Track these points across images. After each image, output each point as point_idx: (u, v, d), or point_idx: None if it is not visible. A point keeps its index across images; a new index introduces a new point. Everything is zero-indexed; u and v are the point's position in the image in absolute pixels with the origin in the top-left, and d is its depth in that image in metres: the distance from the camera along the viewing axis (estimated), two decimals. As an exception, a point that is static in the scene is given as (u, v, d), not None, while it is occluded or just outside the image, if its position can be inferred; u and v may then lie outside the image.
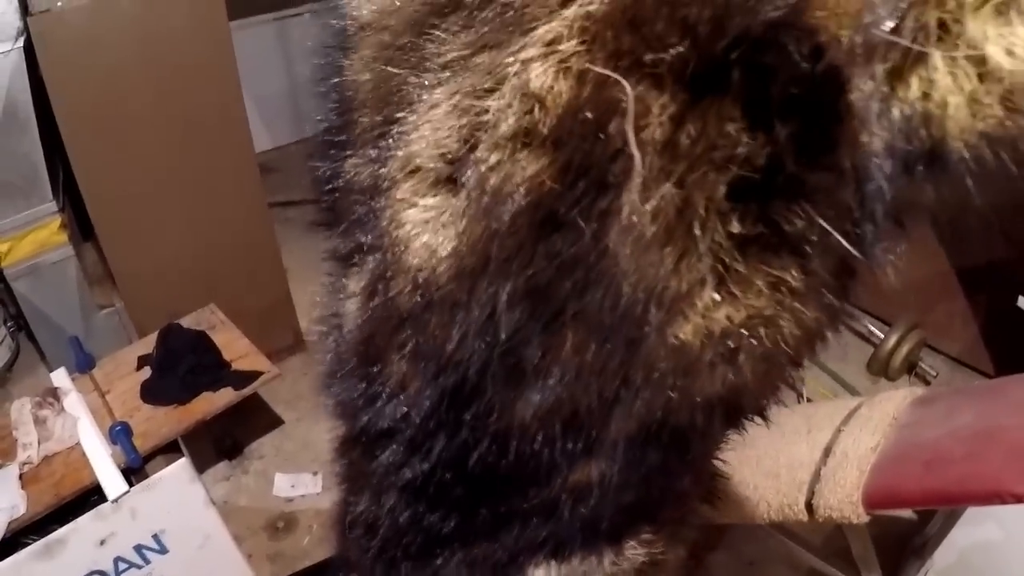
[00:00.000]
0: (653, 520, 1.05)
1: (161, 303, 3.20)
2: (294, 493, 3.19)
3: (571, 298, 0.65)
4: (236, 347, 3.00)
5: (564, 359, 0.70)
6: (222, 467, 3.31)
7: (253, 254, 3.54)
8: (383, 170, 0.72)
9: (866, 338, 3.72)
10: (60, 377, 2.83)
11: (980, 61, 0.47)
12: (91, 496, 2.44)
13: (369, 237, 0.79)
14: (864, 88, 0.50)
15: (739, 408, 0.80)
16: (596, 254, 0.62)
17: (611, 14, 0.56)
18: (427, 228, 0.69)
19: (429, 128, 0.67)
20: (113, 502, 2.37)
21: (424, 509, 0.97)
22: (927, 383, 3.47)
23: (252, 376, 2.87)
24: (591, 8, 0.56)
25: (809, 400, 3.30)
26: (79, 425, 2.60)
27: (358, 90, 0.79)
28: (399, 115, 0.70)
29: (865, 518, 1.58)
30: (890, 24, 0.47)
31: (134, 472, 2.51)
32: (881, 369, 3.46)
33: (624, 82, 0.56)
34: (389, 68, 0.72)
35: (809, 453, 1.76)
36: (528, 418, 0.76)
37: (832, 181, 0.56)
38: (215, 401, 2.77)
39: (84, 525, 2.35)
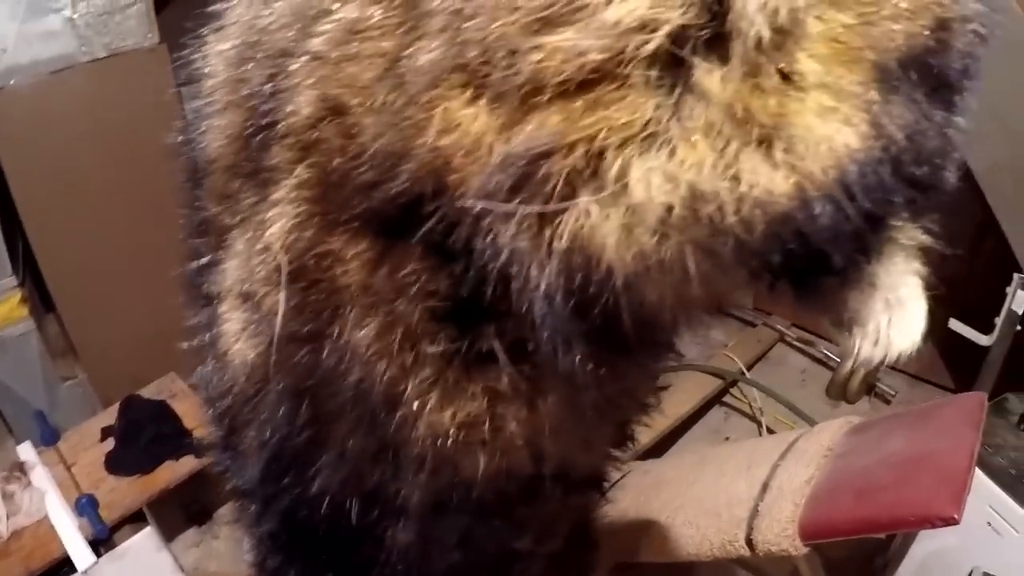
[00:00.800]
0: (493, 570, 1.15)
1: (124, 373, 3.21)
2: (264, 556, 3.16)
3: (329, 397, 0.83)
4: (197, 415, 3.00)
5: (340, 443, 0.87)
6: (192, 533, 3.30)
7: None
8: (214, 286, 0.94)
9: (823, 363, 3.80)
10: (26, 451, 2.84)
11: (621, 194, 0.57)
12: (61, 568, 2.44)
13: (211, 333, 0.97)
14: (502, 231, 0.60)
15: (508, 491, 0.94)
16: (337, 364, 0.79)
17: (315, 181, 0.73)
18: (239, 339, 0.89)
19: (235, 257, 0.87)
20: (82, 574, 2.38)
21: (284, 562, 1.17)
22: (887, 402, 3.54)
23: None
24: (304, 177, 0.73)
25: (770, 430, 3.38)
26: (46, 498, 2.61)
27: (208, 218, 0.95)
28: (221, 248, 0.91)
29: (803, 550, 1.62)
30: (508, 185, 0.58)
31: (102, 543, 2.52)
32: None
33: (333, 250, 0.74)
34: (214, 210, 0.91)
35: (748, 490, 1.81)
36: (329, 487, 0.92)
37: (505, 307, 0.66)
38: (178, 469, 2.78)
39: (54, 598, 2.36)
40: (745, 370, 3.61)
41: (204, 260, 0.96)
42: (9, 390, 3.39)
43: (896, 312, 0.80)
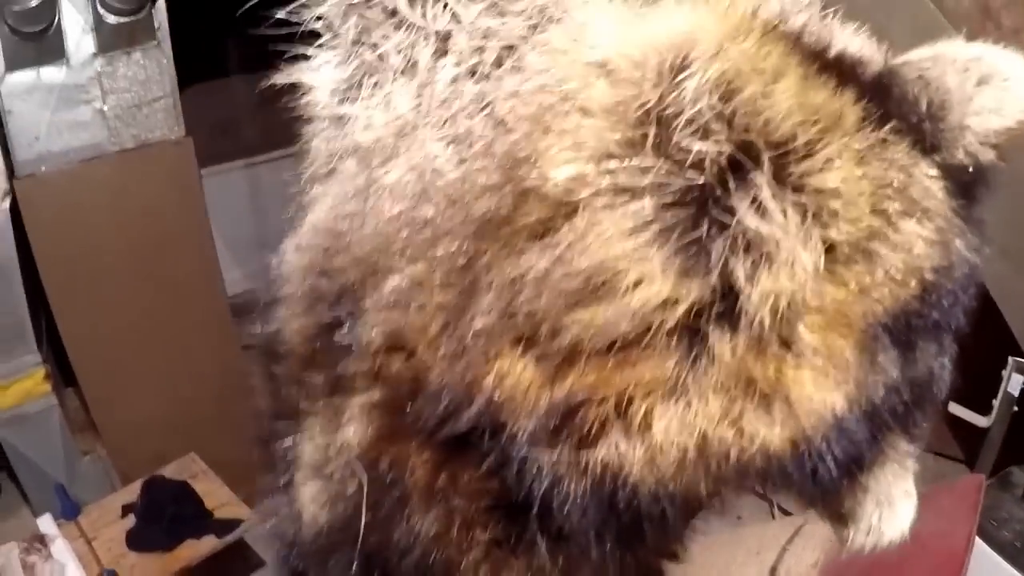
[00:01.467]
0: None
1: (143, 450, 3.29)
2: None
3: (395, 568, 0.93)
4: (217, 495, 3.09)
5: None
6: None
7: (230, 400, 3.63)
8: (291, 455, 1.02)
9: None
10: (47, 523, 2.90)
11: (645, 435, 0.70)
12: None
13: (287, 492, 1.05)
14: (544, 460, 0.74)
15: None
16: (403, 543, 0.90)
17: (386, 403, 0.86)
18: (312, 506, 0.99)
19: (310, 436, 0.98)
20: (102, 650, 2.44)
21: None
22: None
23: (233, 524, 2.96)
24: (375, 398, 0.87)
25: (781, 508, 3.40)
26: (67, 572, 2.66)
27: (286, 395, 1.05)
28: (298, 427, 1.01)
29: (811, 635, 1.68)
30: (552, 427, 0.72)
31: (124, 618, 2.58)
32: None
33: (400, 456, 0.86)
34: (290, 390, 1.02)
35: (758, 574, 1.87)
36: None
37: (550, 513, 0.79)
38: (199, 548, 2.86)
39: (74, 673, 2.41)
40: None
41: (281, 431, 1.05)
42: (30, 462, 3.45)
43: (886, 510, 0.87)
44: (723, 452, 0.70)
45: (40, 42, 2.95)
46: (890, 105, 0.70)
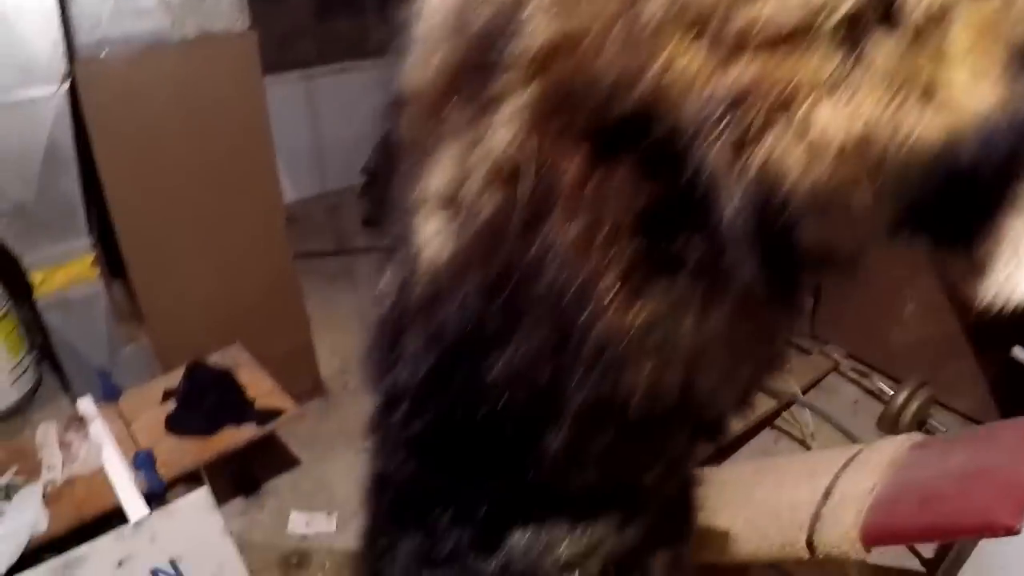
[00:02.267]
0: (616, 505, 1.19)
1: (186, 342, 3.28)
2: (309, 531, 3.24)
3: (523, 292, 0.92)
4: (260, 386, 3.08)
5: (522, 336, 0.95)
6: (238, 503, 3.36)
7: (277, 300, 3.64)
8: (413, 196, 1.04)
9: (876, 396, 3.77)
10: (86, 405, 2.91)
11: (806, 131, 0.71)
12: (112, 521, 2.48)
13: (401, 244, 1.09)
14: (711, 153, 0.73)
15: (684, 415, 1.05)
16: (537, 259, 0.89)
17: (542, 100, 0.85)
18: (435, 240, 1.00)
19: (440, 167, 0.98)
20: (134, 525, 2.43)
21: (424, 466, 1.21)
22: (937, 439, 3.49)
23: (275, 413, 2.95)
24: (532, 96, 0.85)
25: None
26: (103, 451, 2.66)
27: (401, 141, 1.10)
28: (423, 162, 1.02)
29: (863, 554, 1.63)
30: (725, 114, 0.71)
31: (155, 499, 2.57)
32: (891, 426, 3.49)
33: (554, 154, 0.85)
34: (418, 132, 1.03)
35: (810, 495, 1.82)
36: (498, 385, 0.99)
37: (702, 220, 0.80)
38: (237, 436, 2.85)
39: (104, 545, 2.41)
40: (800, 393, 3.59)
41: (403, 175, 1.08)
42: (72, 348, 3.46)
43: (1021, 264, 0.84)
44: (881, 149, 0.72)
45: (107, -74, 2.90)
46: None
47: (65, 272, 3.29)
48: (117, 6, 2.96)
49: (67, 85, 2.97)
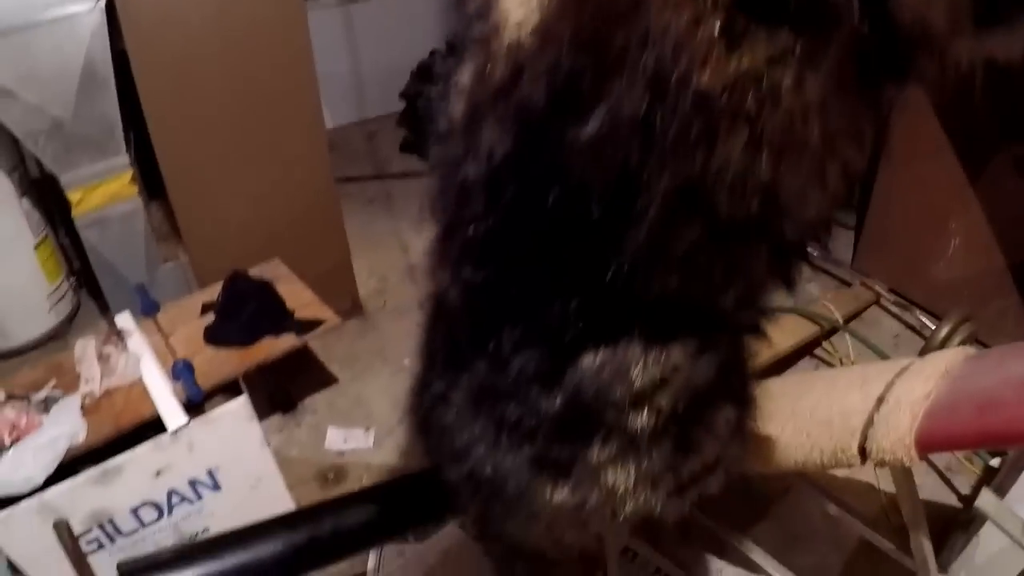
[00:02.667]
0: (694, 328, 1.15)
1: (225, 260, 3.26)
2: (345, 447, 3.24)
3: (616, 46, 0.87)
4: (300, 297, 3.06)
5: (611, 96, 0.90)
6: (275, 420, 3.37)
7: (317, 219, 3.61)
8: None
9: (917, 331, 3.72)
10: (124, 319, 2.90)
11: None
12: (150, 433, 2.48)
13: (478, 30, 1.05)
14: None
15: (778, 203, 0.99)
16: (633, 10, 0.85)
17: None
18: (519, 9, 0.96)
19: None
20: (172, 434, 2.43)
21: (491, 280, 1.15)
22: (979, 373, 3.45)
23: (314, 324, 2.93)
24: None
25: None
26: (142, 362, 2.66)
27: None
28: None
29: (917, 461, 1.59)
30: None
31: (194, 408, 2.57)
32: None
33: None
34: None
35: (863, 402, 1.77)
36: (582, 157, 0.95)
37: None
38: (277, 345, 2.83)
39: (142, 454, 2.41)
40: (842, 321, 3.55)
41: None
42: (111, 267, 3.47)
43: None
44: None
45: None
46: None
47: (103, 190, 3.29)
48: (155, -80, 2.92)
49: (104, 1, 2.94)
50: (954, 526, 2.61)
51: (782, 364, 3.40)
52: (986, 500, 1.69)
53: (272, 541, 1.77)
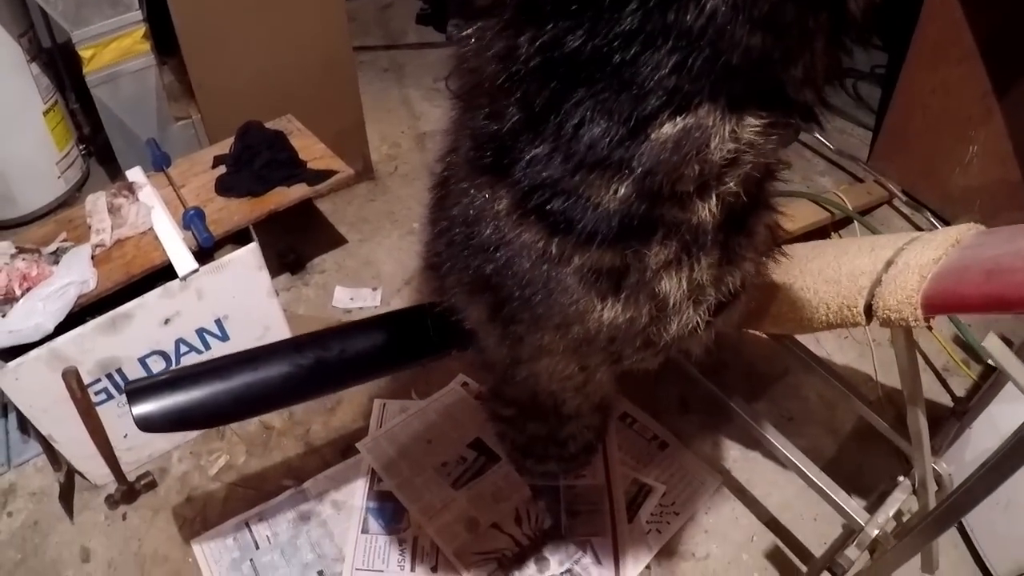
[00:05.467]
0: (764, 103, 1.13)
1: (237, 117, 3.21)
2: (353, 305, 3.27)
3: None
4: (312, 150, 3.04)
5: None
6: (284, 278, 3.40)
7: (332, 79, 3.56)
8: None
9: (926, 233, 3.71)
10: (136, 173, 2.89)
11: None
12: (159, 280, 2.49)
13: None
14: None
15: None
16: None
17: None
18: None
19: None
20: (181, 280, 2.45)
21: (567, 20, 1.06)
22: (987, 282, 3.46)
23: (327, 174, 2.92)
24: None
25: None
26: (153, 212, 2.66)
27: None
28: None
29: (923, 322, 1.59)
30: None
31: (205, 256, 2.57)
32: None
33: None
34: None
35: (871, 264, 1.77)
36: None
37: None
38: (288, 195, 2.82)
39: (151, 301, 2.43)
40: (853, 211, 3.54)
41: None
42: (122, 123, 3.46)
43: None
44: None
45: None
46: None
47: (116, 46, 3.25)
48: None
49: None
50: (948, 416, 2.65)
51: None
52: (993, 343, 1.69)
53: (279, 363, 1.79)
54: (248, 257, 2.56)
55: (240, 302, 2.63)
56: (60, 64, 3.79)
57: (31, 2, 3.39)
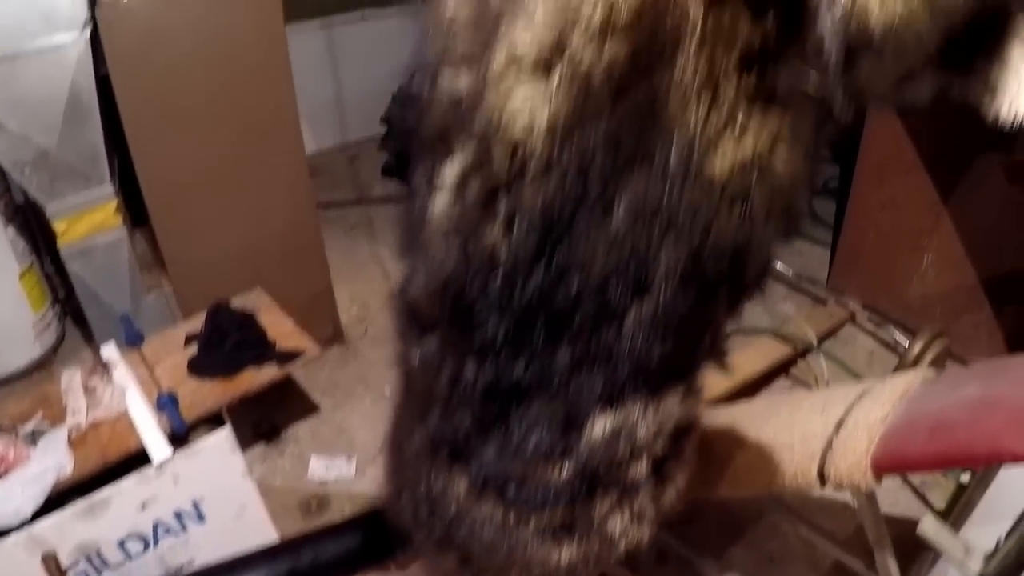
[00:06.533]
0: (681, 375, 1.22)
1: (208, 289, 3.30)
2: (328, 476, 3.28)
3: (637, 145, 0.95)
4: (281, 328, 3.11)
5: (631, 196, 0.98)
6: (259, 449, 3.41)
7: (298, 246, 3.67)
8: (485, 71, 1.01)
9: (891, 347, 3.79)
10: (109, 350, 2.94)
11: None
12: (136, 465, 2.51)
13: (466, 129, 1.06)
14: None
15: (748, 257, 1.08)
16: (655, 110, 0.93)
17: None
18: (527, 106, 0.98)
19: (528, 28, 0.96)
20: (157, 466, 2.47)
21: (507, 356, 1.17)
22: (954, 392, 3.52)
23: (295, 354, 2.97)
24: None
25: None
26: (127, 394, 2.70)
27: (453, 21, 1.08)
28: (499, 29, 0.99)
29: (873, 484, 1.64)
30: None
31: (178, 441, 2.61)
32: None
33: None
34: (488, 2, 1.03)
35: (823, 427, 1.83)
36: (600, 250, 1.02)
37: (801, 53, 0.91)
38: (259, 377, 2.87)
39: (128, 487, 2.45)
40: (816, 341, 3.61)
41: (458, 53, 1.08)
42: (95, 295, 3.51)
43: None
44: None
45: None
46: None
47: (88, 219, 3.32)
48: (139, -53, 2.97)
49: (89, 31, 2.99)
50: (922, 543, 2.67)
51: (757, 385, 3.47)
52: (928, 525, 1.75)
53: (253, 573, 1.81)
54: (221, 443, 2.59)
55: (215, 484, 2.65)
56: (35, 226, 3.87)
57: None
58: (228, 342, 2.92)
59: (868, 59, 0.90)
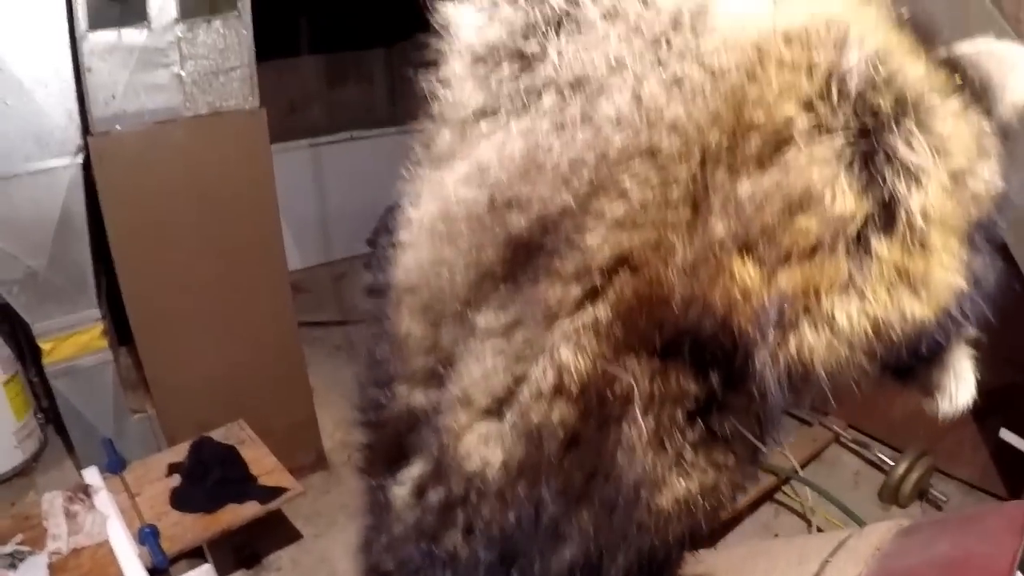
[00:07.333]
0: None
1: (191, 414, 3.32)
2: (309, 607, 3.24)
3: (589, 488, 1.01)
4: (263, 463, 3.12)
5: (584, 526, 1.04)
6: (240, 576, 3.38)
7: (282, 373, 3.69)
8: (440, 398, 1.07)
9: (877, 466, 3.81)
10: (92, 475, 2.93)
11: (831, 323, 0.87)
12: (117, 592, 2.50)
13: (424, 446, 1.12)
14: (761, 353, 0.88)
15: (692, 542, 1.13)
16: (605, 460, 0.99)
17: (613, 318, 0.93)
18: (480, 446, 1.03)
19: (480, 375, 1.02)
20: (138, 603, 2.45)
21: None
22: (939, 508, 3.55)
23: (277, 492, 2.98)
24: (598, 315, 0.93)
25: (820, 529, 3.38)
26: (108, 523, 2.69)
27: (407, 337, 1.11)
28: (451, 362, 1.05)
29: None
30: (774, 318, 0.87)
31: (159, 574, 2.59)
32: (892, 496, 3.56)
33: (622, 370, 0.94)
34: (439, 327, 1.07)
35: (799, 580, 1.84)
36: (559, 568, 1.07)
37: (745, 403, 0.96)
38: (240, 512, 2.87)
39: (108, 622, 2.42)
40: (799, 468, 3.61)
41: (413, 371, 1.12)
42: (79, 415, 3.51)
43: (961, 383, 1.12)
44: (887, 331, 0.87)
45: (123, 3, 3.01)
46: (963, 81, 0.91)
47: (74, 341, 3.34)
48: (132, 82, 3.06)
49: (80, 157, 3.05)
50: None
51: (742, 514, 3.46)
52: None
53: None
54: (203, 578, 2.58)
55: (196, 620, 2.62)
56: (21, 335, 3.86)
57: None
58: (210, 477, 2.92)
59: (810, 390, 0.93)
